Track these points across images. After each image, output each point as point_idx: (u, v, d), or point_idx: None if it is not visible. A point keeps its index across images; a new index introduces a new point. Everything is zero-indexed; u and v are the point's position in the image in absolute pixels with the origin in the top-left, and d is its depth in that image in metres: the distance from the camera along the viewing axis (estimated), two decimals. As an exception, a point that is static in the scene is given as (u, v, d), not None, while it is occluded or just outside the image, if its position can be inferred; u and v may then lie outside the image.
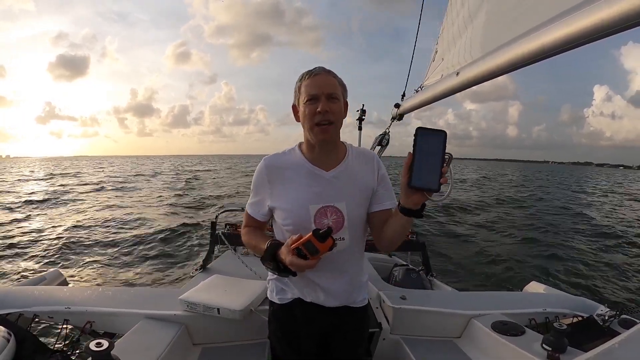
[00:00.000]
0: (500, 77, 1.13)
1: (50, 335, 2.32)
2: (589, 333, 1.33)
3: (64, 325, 1.31)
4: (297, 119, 1.01)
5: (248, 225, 1.10)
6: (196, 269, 2.34)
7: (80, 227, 7.69)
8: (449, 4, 1.82)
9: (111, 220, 8.62)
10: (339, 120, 0.97)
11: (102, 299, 1.47)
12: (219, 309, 1.34)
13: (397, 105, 2.28)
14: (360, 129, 2.75)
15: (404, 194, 0.79)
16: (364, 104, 2.82)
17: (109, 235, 6.94)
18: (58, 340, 1.30)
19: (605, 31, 0.64)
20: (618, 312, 1.41)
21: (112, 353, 0.70)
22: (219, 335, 1.41)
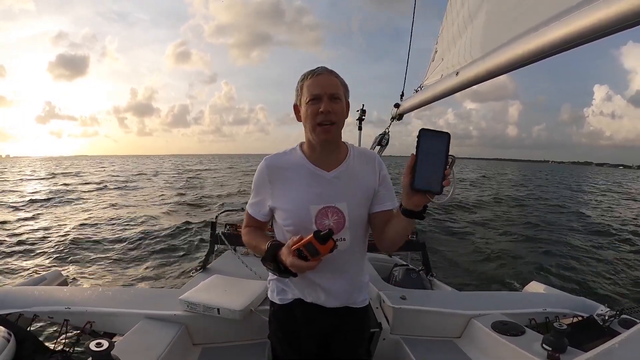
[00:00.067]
0: (500, 77, 1.13)
1: (50, 335, 2.32)
2: (589, 333, 1.33)
3: (64, 325, 1.32)
4: (299, 118, 1.00)
5: (249, 226, 1.09)
6: (196, 269, 2.34)
7: (83, 227, 7.68)
8: (448, 4, 1.81)
9: (113, 219, 8.61)
10: (340, 120, 0.96)
11: (102, 299, 1.47)
12: (219, 309, 1.34)
13: (397, 105, 2.28)
14: (360, 129, 2.75)
15: (406, 195, 0.78)
16: (363, 104, 2.82)
17: (109, 235, 6.94)
18: (58, 340, 1.30)
19: (604, 31, 0.64)
20: (618, 312, 1.41)
21: (112, 353, 0.70)
22: (219, 336, 1.41)
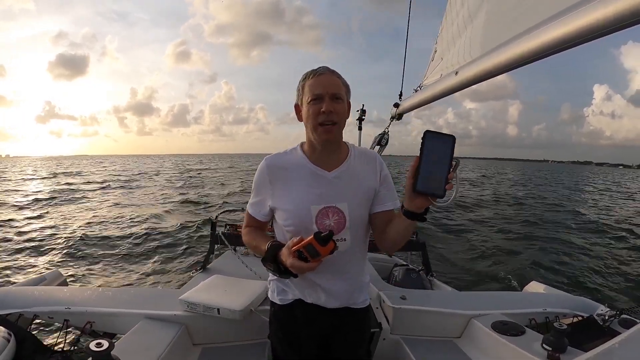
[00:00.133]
0: (500, 76, 1.13)
1: (50, 335, 2.32)
2: (589, 333, 1.33)
3: (64, 325, 1.32)
4: (300, 118, 1.00)
5: (249, 226, 1.09)
6: (196, 269, 2.34)
7: (84, 227, 7.69)
8: (448, 3, 1.81)
9: (114, 219, 8.62)
10: (342, 120, 0.96)
11: (102, 299, 1.47)
12: (219, 309, 1.34)
13: (397, 105, 2.27)
14: (360, 129, 2.74)
15: (408, 197, 0.78)
16: (364, 104, 2.82)
17: (110, 235, 6.93)
18: (58, 341, 1.30)
19: (603, 30, 0.63)
20: (618, 312, 1.41)
21: (112, 353, 0.70)
22: (219, 336, 1.41)
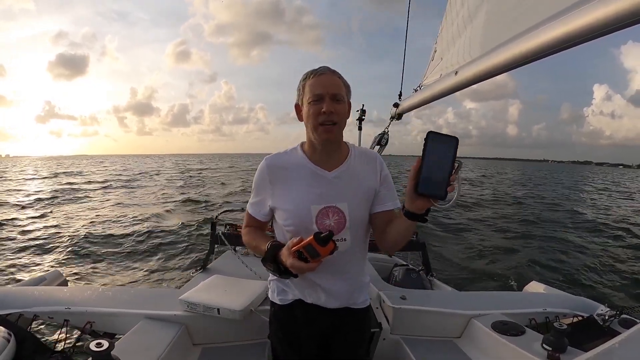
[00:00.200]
0: (500, 76, 1.13)
1: (50, 335, 2.32)
2: (589, 333, 1.33)
3: (64, 325, 1.32)
4: (300, 118, 1.00)
5: (249, 225, 1.09)
6: (196, 269, 2.34)
7: (84, 226, 7.67)
8: (448, 3, 1.81)
9: (115, 219, 8.61)
10: (342, 121, 0.96)
11: (102, 299, 1.47)
12: (219, 309, 1.34)
13: (396, 105, 2.27)
14: (360, 129, 2.74)
15: (409, 198, 0.78)
16: (364, 104, 2.82)
17: (110, 235, 6.92)
18: (58, 341, 1.30)
19: (603, 30, 0.63)
20: (618, 312, 1.41)
21: (112, 353, 0.70)
22: (219, 336, 1.41)
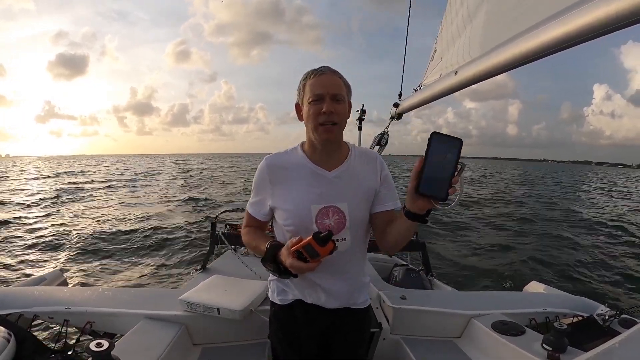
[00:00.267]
0: (500, 76, 1.12)
1: (50, 335, 2.32)
2: (589, 333, 1.33)
3: (64, 325, 1.32)
4: (300, 118, 1.00)
5: (249, 225, 1.09)
6: (196, 269, 2.34)
7: (85, 226, 7.69)
8: (448, 3, 1.81)
9: (115, 219, 8.64)
10: (343, 121, 0.96)
11: (102, 299, 1.47)
12: (219, 309, 1.34)
13: (396, 105, 2.27)
14: (360, 129, 2.74)
15: (410, 198, 0.78)
16: (363, 104, 2.82)
17: (110, 235, 6.93)
18: (58, 341, 1.30)
19: (603, 29, 0.63)
20: (618, 312, 1.41)
21: (112, 353, 0.70)
22: (219, 336, 1.41)
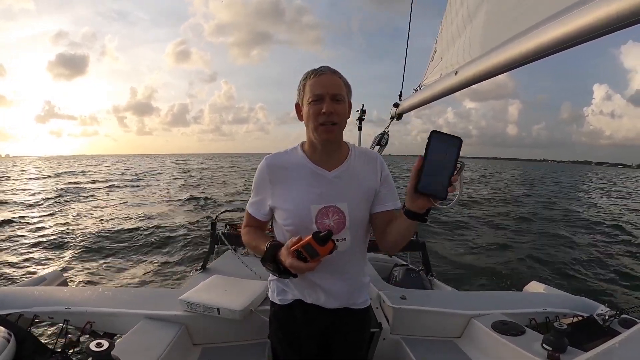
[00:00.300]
0: (500, 76, 1.12)
1: (50, 335, 2.32)
2: (589, 333, 1.33)
3: (64, 325, 1.32)
4: (300, 118, 1.00)
5: (248, 225, 1.09)
6: (196, 269, 2.34)
7: (85, 226, 7.69)
8: (448, 3, 1.80)
9: (115, 219, 8.64)
10: (343, 121, 0.96)
11: (102, 299, 1.47)
12: (219, 309, 1.34)
13: (396, 105, 2.27)
14: (360, 129, 2.74)
15: (410, 197, 0.78)
16: (363, 104, 2.82)
17: (110, 234, 6.93)
18: (58, 341, 1.30)
19: (603, 29, 0.63)
20: (618, 312, 1.41)
21: (112, 353, 0.70)
22: (219, 336, 1.41)
